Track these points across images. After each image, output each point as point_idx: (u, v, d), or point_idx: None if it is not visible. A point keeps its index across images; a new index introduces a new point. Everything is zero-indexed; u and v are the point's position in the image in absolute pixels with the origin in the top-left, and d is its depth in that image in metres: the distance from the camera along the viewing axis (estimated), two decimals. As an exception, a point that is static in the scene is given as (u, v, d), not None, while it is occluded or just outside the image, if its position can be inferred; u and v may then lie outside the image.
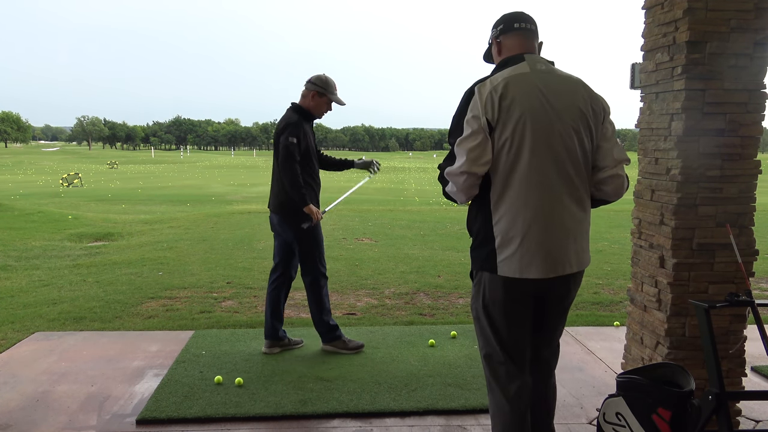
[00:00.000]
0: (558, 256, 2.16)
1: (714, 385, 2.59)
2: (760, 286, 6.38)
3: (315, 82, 4.03)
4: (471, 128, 2.12)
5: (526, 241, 2.12)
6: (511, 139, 2.11)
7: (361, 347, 4.17)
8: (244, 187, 27.17)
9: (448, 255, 8.04)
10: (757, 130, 2.97)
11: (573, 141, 2.16)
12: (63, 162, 65.50)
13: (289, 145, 3.84)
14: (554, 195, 2.14)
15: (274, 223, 4.09)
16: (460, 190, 2.19)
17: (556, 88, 2.17)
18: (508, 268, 2.15)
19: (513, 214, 2.13)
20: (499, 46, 2.31)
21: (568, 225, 2.17)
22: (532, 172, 2.12)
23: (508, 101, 2.10)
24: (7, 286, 6.08)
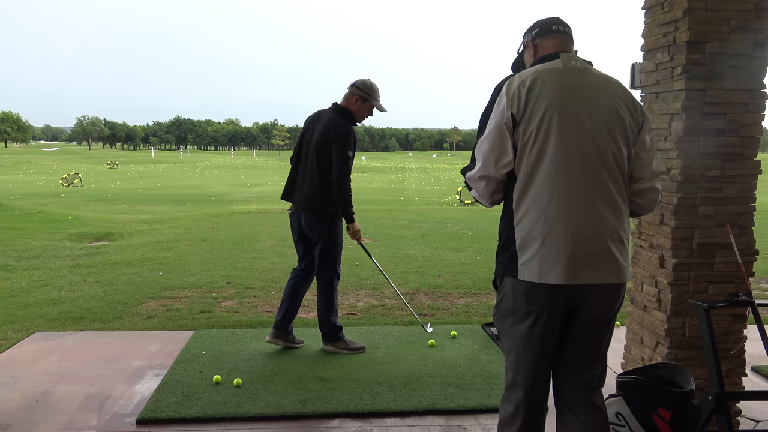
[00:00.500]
0: (584, 262, 1.96)
1: (714, 385, 2.59)
2: (760, 286, 6.38)
3: (359, 86, 3.99)
4: (490, 128, 2.03)
5: (547, 243, 1.96)
6: (536, 133, 1.97)
7: (362, 349, 4.16)
8: (244, 187, 27.17)
9: (448, 255, 8.04)
10: (757, 130, 2.97)
11: (607, 143, 2.00)
12: (63, 162, 65.49)
13: (349, 158, 3.87)
14: (583, 196, 1.97)
15: (301, 221, 4.04)
16: (482, 195, 2.11)
17: (591, 86, 2.04)
18: (528, 272, 1.99)
19: (535, 214, 1.99)
20: (535, 48, 2.20)
21: (598, 230, 1.98)
22: (558, 170, 1.97)
23: (534, 94, 1.98)
24: (7, 286, 6.08)
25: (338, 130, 3.86)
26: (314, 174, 3.93)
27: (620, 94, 2.08)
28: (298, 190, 4.04)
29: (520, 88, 2.00)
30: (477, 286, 6.25)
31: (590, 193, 1.98)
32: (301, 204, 4.02)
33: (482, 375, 3.76)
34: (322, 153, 3.89)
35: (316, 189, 3.93)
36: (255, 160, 77.82)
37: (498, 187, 2.08)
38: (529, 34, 2.24)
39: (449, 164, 72.28)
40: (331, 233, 4.01)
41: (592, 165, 1.99)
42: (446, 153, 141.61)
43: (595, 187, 1.99)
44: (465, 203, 19.72)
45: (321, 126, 3.94)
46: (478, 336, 4.56)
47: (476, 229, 10.65)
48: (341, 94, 4.11)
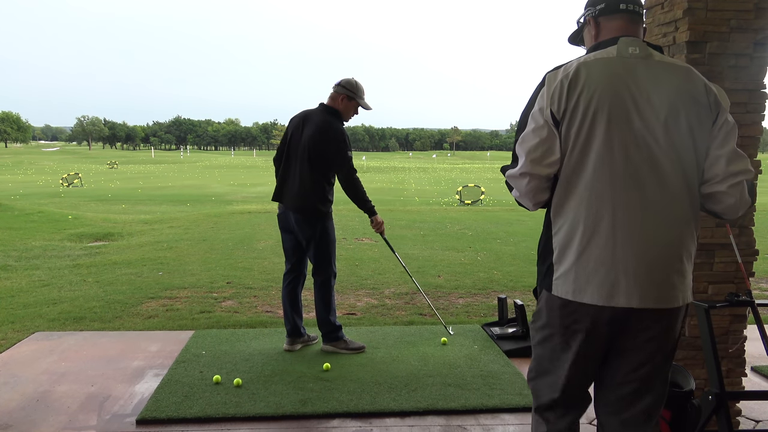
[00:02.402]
0: (624, 281, 1.73)
1: (714, 385, 2.59)
2: (760, 286, 6.38)
3: (345, 85, 4.01)
4: (534, 123, 1.81)
5: (584, 257, 1.76)
6: (577, 134, 1.76)
7: (362, 349, 4.16)
8: (244, 187, 27.17)
9: (448, 255, 8.04)
10: (757, 130, 2.97)
11: (667, 142, 1.75)
12: (63, 162, 65.50)
13: (351, 158, 3.93)
14: (628, 207, 1.74)
15: (290, 221, 4.04)
16: (524, 194, 1.87)
17: (650, 77, 1.77)
18: (562, 288, 1.80)
19: (573, 225, 1.78)
20: (597, 28, 1.90)
21: (646, 245, 1.74)
22: (601, 177, 1.74)
23: (578, 89, 1.75)
24: (7, 286, 6.08)
25: (331, 133, 3.88)
26: (304, 174, 3.92)
27: (688, 82, 1.80)
28: (287, 191, 4.03)
29: (563, 82, 1.78)
30: (477, 286, 6.25)
31: (638, 203, 1.74)
32: (290, 204, 4.01)
33: (482, 375, 3.76)
34: (314, 153, 3.88)
35: (307, 188, 3.93)
36: (255, 160, 77.81)
37: (542, 185, 1.84)
38: (591, 8, 1.92)
39: (449, 164, 72.30)
40: (323, 232, 4.00)
41: (643, 170, 1.74)
42: (446, 153, 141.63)
43: (646, 197, 1.75)
44: (465, 203, 19.72)
45: (312, 127, 3.93)
46: (478, 336, 4.56)
47: (476, 229, 10.64)
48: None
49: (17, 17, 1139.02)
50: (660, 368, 1.87)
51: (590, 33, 1.93)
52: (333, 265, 4.11)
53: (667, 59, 1.84)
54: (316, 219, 3.96)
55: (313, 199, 3.93)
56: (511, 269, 7.02)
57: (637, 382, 1.87)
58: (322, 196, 3.95)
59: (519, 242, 9.14)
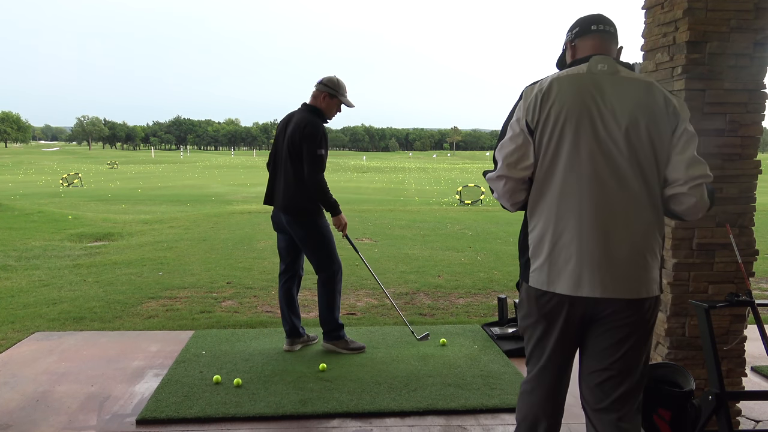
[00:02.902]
0: (589, 273, 1.93)
1: (714, 385, 2.59)
2: (760, 286, 6.38)
3: (326, 83, 4.00)
4: (512, 132, 2.04)
5: (555, 252, 1.98)
6: (548, 142, 1.98)
7: (362, 349, 4.15)
8: (244, 187, 27.17)
9: (448, 255, 8.04)
10: (757, 130, 2.97)
11: (629, 149, 1.94)
12: (63, 162, 65.50)
13: (321, 157, 3.87)
14: (595, 208, 1.94)
15: (281, 221, 4.05)
16: (501, 195, 2.10)
17: (615, 90, 1.97)
18: (537, 279, 2.02)
19: (546, 223, 2.00)
20: (573, 50, 2.15)
21: (608, 242, 1.94)
22: (570, 180, 1.96)
23: (549, 103, 1.98)
24: (7, 286, 6.08)
25: (306, 129, 3.85)
26: (289, 174, 3.93)
27: (649, 95, 1.98)
28: (276, 193, 4.04)
29: (537, 95, 2.01)
30: (477, 286, 6.25)
31: (602, 205, 1.94)
32: (279, 205, 4.02)
33: (482, 375, 3.76)
34: (294, 153, 3.88)
35: (293, 189, 3.92)
36: (255, 160, 77.81)
37: (518, 187, 2.06)
38: (569, 33, 2.17)
39: (449, 164, 72.29)
40: (316, 231, 3.98)
41: (606, 175, 1.93)
42: (446, 153, 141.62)
43: (609, 199, 1.94)
44: (465, 203, 19.72)
45: (292, 126, 3.94)
46: (478, 336, 4.56)
47: (476, 229, 10.64)
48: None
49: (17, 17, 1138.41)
50: (631, 358, 2.02)
51: (569, 55, 2.17)
52: (335, 262, 4.08)
53: (633, 75, 2.04)
54: (305, 218, 3.94)
55: (300, 199, 3.91)
56: (511, 269, 7.02)
57: (610, 371, 2.04)
58: (309, 196, 3.91)
59: (519, 242, 9.12)
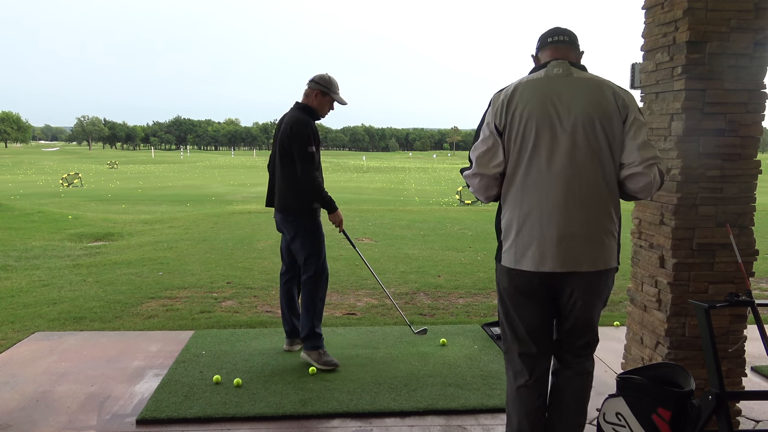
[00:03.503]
0: (551, 251, 2.26)
1: (714, 385, 2.59)
2: (760, 286, 6.38)
3: (318, 81, 3.96)
4: (483, 135, 2.34)
5: (521, 235, 2.30)
6: (515, 139, 2.28)
7: (335, 365, 3.86)
8: (244, 187, 27.17)
9: (448, 255, 8.04)
10: (757, 130, 2.97)
11: (584, 142, 2.23)
12: (63, 162, 65.50)
13: (312, 154, 3.81)
14: (555, 193, 2.25)
15: (277, 221, 4.05)
16: (476, 190, 2.41)
17: (569, 90, 2.26)
18: (507, 259, 2.36)
19: (512, 210, 2.33)
20: (537, 61, 2.45)
21: (572, 223, 2.25)
22: (531, 171, 2.27)
23: (513, 106, 2.28)
24: (7, 286, 6.08)
25: (294, 128, 3.81)
26: (281, 173, 3.91)
27: (599, 92, 2.26)
28: (276, 193, 4.02)
29: (504, 100, 2.31)
30: (477, 286, 6.25)
31: (560, 193, 2.25)
32: (276, 205, 4.01)
33: (482, 375, 3.76)
34: (284, 153, 3.86)
35: (285, 188, 3.90)
36: (255, 160, 77.83)
37: (491, 183, 2.37)
38: (536, 47, 2.49)
39: (449, 164, 72.26)
40: (307, 230, 3.92)
41: (566, 165, 2.24)
42: (446, 153, 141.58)
43: (567, 188, 2.24)
44: (465, 203, 19.71)
45: (283, 128, 3.91)
46: (478, 336, 4.56)
47: (476, 229, 10.65)
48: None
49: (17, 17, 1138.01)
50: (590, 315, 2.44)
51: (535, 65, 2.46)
52: (319, 265, 3.95)
53: (585, 75, 2.33)
54: (296, 217, 3.90)
55: (292, 198, 3.89)
56: (511, 269, 7.00)
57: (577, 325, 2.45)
58: (301, 194, 3.87)
59: (519, 242, 9.12)
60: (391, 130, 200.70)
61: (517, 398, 2.49)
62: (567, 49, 2.39)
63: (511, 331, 2.49)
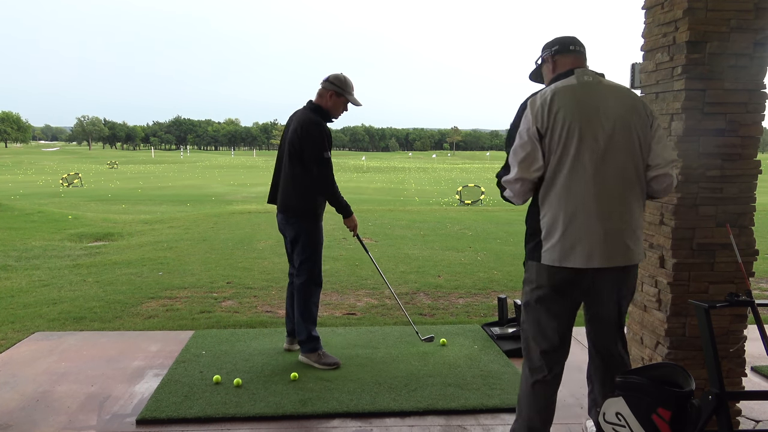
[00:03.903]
0: (598, 248, 2.36)
1: (714, 385, 2.59)
2: (760, 286, 6.38)
3: (333, 81, 3.87)
4: (522, 139, 2.39)
5: (567, 234, 2.36)
6: (557, 142, 2.36)
7: (336, 365, 3.88)
8: (244, 187, 27.17)
9: (448, 255, 8.04)
10: (757, 130, 2.97)
11: (620, 143, 2.37)
12: (63, 162, 65.50)
13: (329, 159, 3.77)
14: (597, 193, 2.36)
15: (279, 222, 4.02)
16: (516, 195, 2.46)
17: (602, 97, 2.41)
18: (550, 257, 2.40)
19: (556, 210, 2.38)
20: (554, 64, 2.56)
21: (612, 221, 2.38)
22: (575, 173, 2.35)
23: (554, 111, 2.36)
24: (7, 286, 6.08)
25: (307, 130, 3.74)
26: (288, 175, 3.86)
27: (629, 98, 2.44)
28: (279, 192, 3.97)
29: (543, 105, 2.38)
30: (477, 286, 6.25)
31: (604, 189, 2.36)
32: (279, 204, 3.96)
33: (482, 375, 3.76)
34: (293, 153, 3.79)
35: (290, 188, 3.85)
36: (255, 160, 77.81)
37: (531, 187, 2.44)
38: (548, 50, 2.58)
39: (449, 164, 72.28)
40: (307, 234, 3.88)
41: (608, 164, 2.36)
42: (446, 153, 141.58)
43: (607, 188, 2.36)
44: (465, 203, 19.71)
45: (294, 124, 3.85)
46: (478, 336, 4.56)
47: (476, 229, 10.64)
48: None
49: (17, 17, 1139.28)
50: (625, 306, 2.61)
51: (549, 68, 2.59)
52: (315, 270, 3.93)
53: (611, 83, 2.48)
54: (297, 219, 3.87)
55: (296, 199, 3.85)
56: (511, 269, 7.02)
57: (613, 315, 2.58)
58: (306, 196, 3.84)
59: (519, 242, 9.13)
60: (391, 130, 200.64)
61: (532, 394, 2.55)
62: (583, 59, 2.55)
63: (537, 329, 2.52)
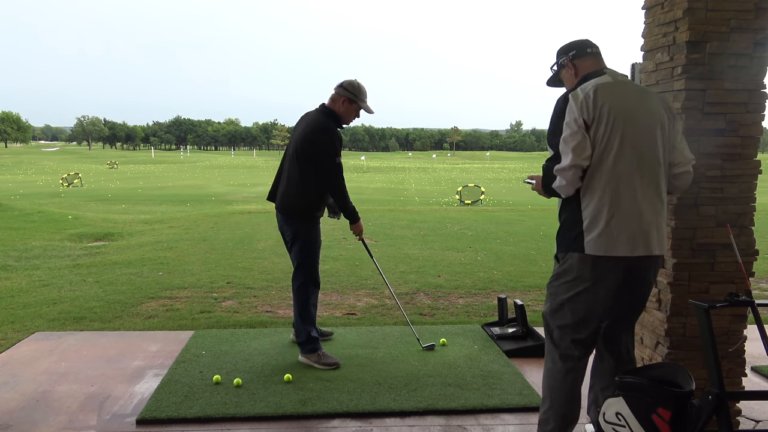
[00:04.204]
0: (640, 238, 2.46)
1: (714, 385, 2.59)
2: (760, 286, 6.38)
3: (347, 87, 3.88)
4: (571, 128, 2.44)
5: (613, 223, 2.43)
6: (602, 134, 2.43)
7: (336, 365, 3.87)
8: (244, 187, 27.17)
9: (448, 255, 8.04)
10: (757, 130, 2.97)
11: (653, 140, 2.49)
12: (63, 162, 65.49)
13: (340, 165, 3.79)
14: (637, 185, 2.46)
15: (279, 222, 4.03)
16: (569, 183, 2.47)
17: (637, 95, 2.54)
18: (595, 247, 2.44)
19: (600, 200, 2.45)
20: (575, 68, 2.65)
21: (649, 212, 2.48)
22: (619, 165, 2.44)
23: (599, 104, 2.44)
24: (7, 286, 6.08)
25: (317, 135, 3.75)
26: (290, 175, 3.87)
27: (656, 99, 2.57)
28: (279, 190, 3.97)
29: (587, 98, 2.45)
30: (477, 286, 6.25)
31: (643, 181, 2.47)
32: (277, 204, 3.97)
33: (482, 375, 3.76)
34: (299, 154, 3.79)
35: (292, 189, 3.86)
36: (255, 160, 77.82)
37: (581, 175, 2.47)
38: (565, 55, 2.68)
39: (449, 164, 72.28)
40: (305, 234, 3.89)
41: (644, 158, 2.47)
42: (446, 153, 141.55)
43: (646, 177, 2.48)
44: (465, 203, 19.71)
45: (304, 126, 3.86)
46: (478, 336, 4.56)
47: (476, 229, 10.64)
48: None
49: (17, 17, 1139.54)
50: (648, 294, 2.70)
51: (570, 72, 2.67)
52: (312, 270, 3.94)
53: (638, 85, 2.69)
54: (297, 221, 3.88)
55: (296, 200, 3.86)
56: (511, 269, 7.02)
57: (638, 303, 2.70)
58: (306, 198, 3.85)
59: (519, 242, 9.13)
60: (390, 130, 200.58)
61: (566, 382, 2.61)
62: (602, 59, 2.66)
63: (574, 318, 2.56)
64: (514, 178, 40.31)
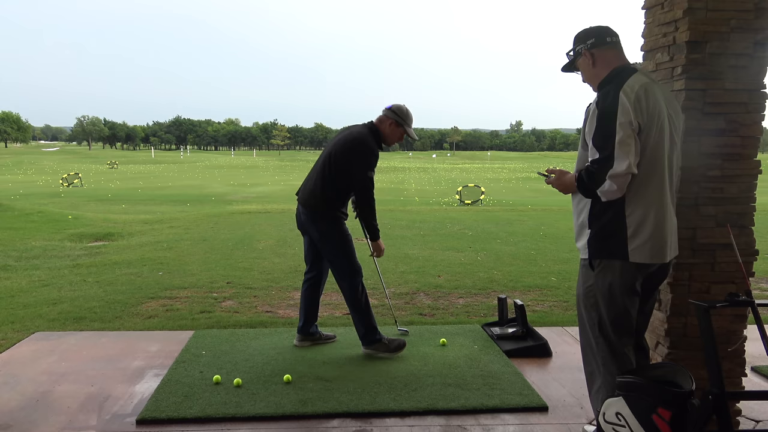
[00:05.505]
0: (671, 244, 2.53)
1: (714, 385, 2.59)
2: (760, 286, 6.38)
3: (395, 111, 4.03)
4: (624, 132, 2.32)
5: (658, 230, 2.44)
6: (652, 139, 2.38)
7: (401, 347, 4.05)
8: (244, 187, 27.18)
9: (448, 255, 8.04)
10: (757, 130, 2.97)
11: (674, 143, 2.51)
12: (63, 162, 65.49)
13: (372, 179, 3.90)
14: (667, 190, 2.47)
15: (301, 217, 4.08)
16: (620, 188, 2.37)
17: (667, 97, 2.50)
18: (640, 255, 2.43)
19: (645, 207, 2.42)
20: (593, 58, 2.53)
21: (672, 216, 2.54)
22: (665, 170, 2.43)
23: (650, 107, 2.36)
24: (7, 286, 6.08)
25: (359, 148, 3.88)
26: (319, 175, 3.97)
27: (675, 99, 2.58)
28: (306, 186, 4.08)
29: (638, 100, 2.35)
30: (477, 286, 6.24)
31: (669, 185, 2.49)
32: (301, 197, 4.07)
33: (482, 375, 3.76)
34: (334, 160, 3.91)
35: (318, 189, 3.96)
36: (255, 160, 77.79)
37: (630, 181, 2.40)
38: (583, 43, 2.54)
39: (449, 164, 72.28)
40: (334, 232, 3.99)
41: (671, 162, 2.49)
42: (446, 153, 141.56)
43: (670, 181, 2.49)
44: (465, 203, 19.71)
45: (346, 134, 3.98)
46: (478, 336, 4.55)
47: (476, 229, 10.64)
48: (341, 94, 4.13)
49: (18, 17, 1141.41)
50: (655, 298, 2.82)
51: (588, 62, 2.55)
52: (355, 269, 4.04)
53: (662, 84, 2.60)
54: (320, 216, 3.97)
55: (319, 200, 3.96)
56: (511, 269, 7.02)
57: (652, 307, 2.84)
58: (329, 200, 3.95)
59: (519, 242, 9.13)
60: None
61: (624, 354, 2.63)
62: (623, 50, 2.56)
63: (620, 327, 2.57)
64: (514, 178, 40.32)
